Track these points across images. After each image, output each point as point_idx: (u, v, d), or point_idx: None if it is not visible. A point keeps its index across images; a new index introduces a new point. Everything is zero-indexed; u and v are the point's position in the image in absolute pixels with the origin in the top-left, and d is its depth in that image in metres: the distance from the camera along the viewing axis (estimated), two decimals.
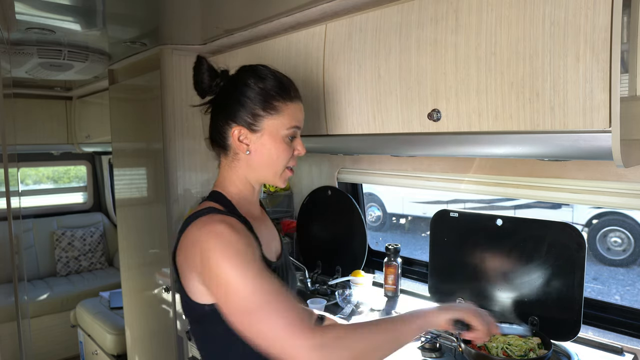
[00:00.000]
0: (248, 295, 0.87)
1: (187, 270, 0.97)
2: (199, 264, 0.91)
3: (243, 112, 1.04)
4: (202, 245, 0.91)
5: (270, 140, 1.05)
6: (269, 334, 0.85)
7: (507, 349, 1.31)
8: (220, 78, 1.10)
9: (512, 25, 1.06)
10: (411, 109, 1.30)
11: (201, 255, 0.91)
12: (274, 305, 0.87)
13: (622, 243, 5.36)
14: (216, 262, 0.89)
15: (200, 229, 0.94)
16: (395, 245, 1.88)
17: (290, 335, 0.85)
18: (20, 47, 2.12)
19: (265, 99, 1.04)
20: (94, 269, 4.18)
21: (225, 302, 0.90)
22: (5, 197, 1.36)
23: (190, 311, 1.02)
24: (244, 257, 0.89)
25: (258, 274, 0.89)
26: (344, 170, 2.15)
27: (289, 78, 1.10)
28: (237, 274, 0.87)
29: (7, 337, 1.32)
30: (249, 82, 1.05)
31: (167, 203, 2.24)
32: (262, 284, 0.88)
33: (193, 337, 1.11)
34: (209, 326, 1.00)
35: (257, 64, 1.10)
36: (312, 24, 1.60)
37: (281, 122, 1.05)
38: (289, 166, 1.09)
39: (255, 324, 0.86)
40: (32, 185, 4.58)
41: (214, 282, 0.90)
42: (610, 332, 1.46)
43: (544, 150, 1.09)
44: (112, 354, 3.01)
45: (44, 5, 1.59)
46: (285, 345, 0.85)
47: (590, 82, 0.95)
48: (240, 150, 1.06)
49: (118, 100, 2.70)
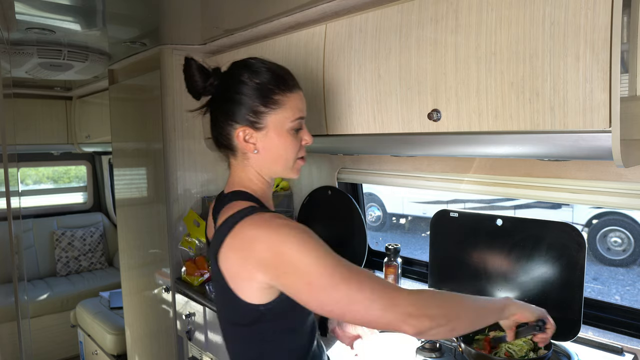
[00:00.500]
0: (334, 270, 0.87)
1: (244, 270, 0.92)
2: (268, 258, 0.88)
3: (244, 111, 1.01)
4: (268, 238, 0.89)
5: (277, 135, 1.03)
6: (365, 301, 0.86)
7: (509, 349, 1.31)
8: (213, 77, 1.06)
9: (512, 25, 1.06)
10: (411, 109, 1.30)
11: (269, 248, 0.88)
12: (361, 274, 0.88)
13: (622, 243, 5.36)
14: (293, 250, 0.87)
15: (259, 226, 0.91)
16: (395, 245, 1.88)
17: (388, 296, 0.87)
18: (20, 47, 2.12)
19: (264, 94, 1.01)
20: (94, 269, 4.18)
21: (309, 284, 0.87)
22: (5, 197, 1.36)
23: (238, 313, 0.98)
24: (316, 241, 0.90)
25: (332, 251, 0.90)
26: (344, 170, 2.15)
27: (284, 67, 1.07)
28: (317, 255, 0.87)
29: (7, 337, 1.32)
30: (244, 78, 1.02)
31: (167, 203, 2.24)
32: (340, 258, 0.90)
33: (232, 341, 1.07)
34: (261, 326, 0.97)
35: (248, 58, 1.06)
36: (312, 24, 1.60)
37: (284, 115, 1.02)
38: (299, 156, 1.08)
39: (348, 295, 0.86)
40: (32, 185, 4.58)
41: (291, 270, 0.87)
42: (610, 332, 1.46)
43: (544, 150, 1.09)
44: (112, 354, 3.01)
45: (44, 5, 1.59)
46: (384, 307, 0.86)
47: (590, 82, 0.95)
48: (248, 150, 1.04)
49: (118, 100, 2.70)
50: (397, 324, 0.87)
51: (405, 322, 0.87)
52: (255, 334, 0.99)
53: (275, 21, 1.67)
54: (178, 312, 2.22)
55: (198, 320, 2.07)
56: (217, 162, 2.39)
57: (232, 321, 1.03)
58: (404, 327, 0.87)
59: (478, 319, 1.01)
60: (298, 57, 1.63)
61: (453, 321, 0.93)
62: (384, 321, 0.88)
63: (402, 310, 0.87)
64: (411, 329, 0.87)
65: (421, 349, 1.45)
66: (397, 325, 0.87)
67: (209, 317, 1.98)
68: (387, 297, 0.87)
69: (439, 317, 0.90)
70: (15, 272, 1.48)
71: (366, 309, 0.86)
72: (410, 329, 0.87)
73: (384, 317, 0.87)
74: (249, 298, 0.93)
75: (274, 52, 1.76)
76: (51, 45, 2.16)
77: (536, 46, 1.03)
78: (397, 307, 0.87)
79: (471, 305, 1.01)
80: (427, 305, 0.90)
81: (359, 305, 0.87)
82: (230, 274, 0.94)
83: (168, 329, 2.33)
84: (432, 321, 0.89)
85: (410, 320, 0.87)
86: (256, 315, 0.95)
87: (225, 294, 0.96)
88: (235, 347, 1.07)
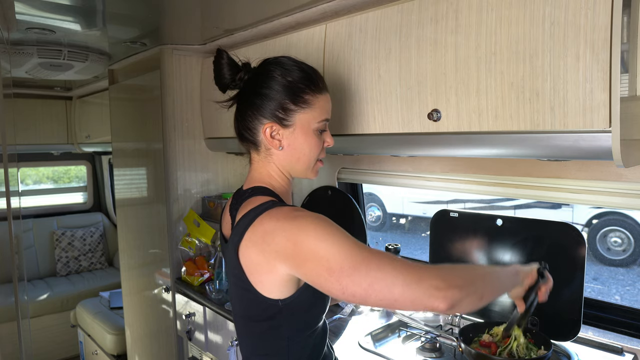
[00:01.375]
0: (354, 253, 0.86)
1: (264, 263, 0.92)
2: (288, 248, 0.88)
3: (273, 107, 1.02)
4: (287, 229, 0.89)
5: (303, 134, 1.04)
6: (387, 279, 0.84)
7: (512, 350, 1.30)
8: (243, 72, 1.07)
9: (512, 25, 1.06)
10: (411, 109, 1.30)
11: (288, 238, 0.89)
12: (381, 255, 0.87)
13: (622, 243, 5.36)
14: (311, 237, 0.87)
15: (278, 218, 0.92)
16: (395, 245, 1.88)
17: (410, 272, 0.85)
18: (20, 47, 2.12)
19: (294, 92, 1.02)
20: (94, 269, 4.18)
21: (329, 269, 0.86)
22: (5, 197, 1.36)
23: (255, 308, 0.99)
24: (334, 227, 0.90)
25: (350, 236, 0.90)
26: (344, 170, 2.15)
27: (314, 68, 1.09)
28: (335, 239, 0.87)
29: (7, 337, 1.32)
30: (276, 75, 1.03)
31: (167, 203, 2.24)
32: (359, 242, 0.89)
33: (247, 336, 1.08)
34: (278, 322, 0.98)
35: (281, 56, 1.08)
36: (312, 24, 1.60)
37: (312, 115, 1.04)
38: (319, 158, 1.09)
39: (369, 275, 0.85)
40: (32, 185, 4.58)
41: (310, 257, 0.87)
42: (610, 332, 1.46)
43: (544, 150, 1.09)
44: (112, 354, 3.01)
45: (44, 5, 1.59)
46: (407, 283, 0.84)
47: (590, 82, 0.95)
48: (273, 146, 1.05)
49: (118, 100, 2.70)
50: (426, 300, 0.84)
51: (433, 296, 0.84)
52: (271, 330, 1.00)
53: (275, 21, 1.67)
54: (178, 312, 2.22)
55: (198, 320, 2.07)
56: (217, 162, 2.41)
57: (248, 316, 1.04)
58: (435, 303, 0.84)
59: (500, 284, 1.02)
60: (298, 57, 1.63)
61: (480, 288, 0.92)
62: (409, 298, 0.85)
63: (427, 284, 0.84)
64: (442, 302, 0.84)
65: (421, 349, 1.45)
66: (426, 302, 0.85)
67: (209, 317, 1.98)
68: (409, 273, 0.85)
69: (467, 285, 0.88)
70: (15, 272, 1.48)
71: (389, 287, 0.84)
72: (441, 304, 0.84)
73: (408, 294, 0.84)
74: (268, 292, 0.94)
75: (274, 52, 1.75)
76: (51, 45, 2.16)
77: (536, 46, 1.03)
78: (421, 281, 0.85)
79: (490, 272, 1.03)
80: (452, 276, 0.89)
81: (380, 284, 0.84)
82: (250, 268, 0.95)
83: (168, 329, 2.33)
84: (461, 291, 0.86)
85: (439, 293, 0.84)
86: (274, 310, 0.96)
87: (243, 288, 0.97)
88: (249, 342, 1.08)
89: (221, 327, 1.89)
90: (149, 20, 1.85)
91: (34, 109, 3.71)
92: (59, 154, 4.15)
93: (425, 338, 1.48)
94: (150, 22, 1.87)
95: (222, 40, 1.98)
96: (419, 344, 1.47)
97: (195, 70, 2.23)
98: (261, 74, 1.05)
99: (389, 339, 1.56)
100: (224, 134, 2.09)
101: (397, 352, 1.46)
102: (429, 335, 1.50)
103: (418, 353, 1.44)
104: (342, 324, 1.69)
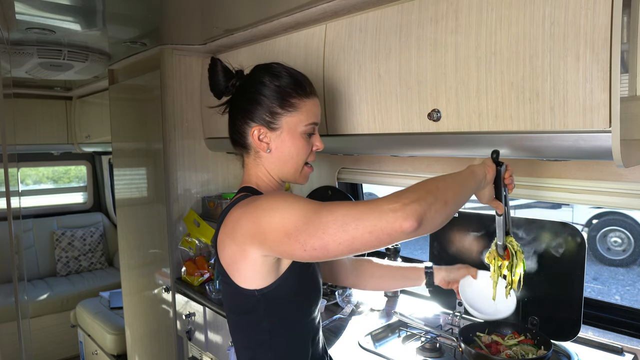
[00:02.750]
0: (305, 210, 0.87)
1: (237, 250, 0.95)
2: (251, 228, 0.91)
3: (261, 111, 1.06)
4: (248, 212, 0.93)
5: (290, 137, 1.07)
6: (338, 221, 0.83)
7: (510, 351, 1.30)
8: (235, 78, 1.12)
9: (512, 25, 1.06)
10: (411, 109, 1.30)
11: (250, 219, 0.92)
12: (330, 203, 0.87)
13: (622, 243, 5.37)
14: (265, 211, 0.90)
15: (242, 206, 0.96)
16: (395, 245, 1.88)
17: (361, 206, 0.84)
18: (20, 47, 2.12)
19: (282, 96, 1.05)
20: (94, 269, 4.18)
21: (286, 233, 0.87)
22: (5, 197, 1.36)
23: (237, 302, 1.02)
24: (286, 195, 0.93)
25: (303, 198, 0.92)
26: (344, 170, 2.15)
27: (303, 74, 1.12)
28: (286, 205, 0.89)
29: (7, 337, 1.32)
30: (265, 80, 1.07)
31: (167, 203, 2.24)
32: (311, 200, 0.90)
33: (233, 330, 1.10)
34: (257, 315, 1.00)
35: (271, 62, 1.11)
36: (312, 24, 1.60)
37: (299, 118, 1.07)
38: (308, 162, 1.11)
39: (321, 223, 0.84)
40: (32, 185, 4.58)
41: (270, 229, 0.89)
42: (610, 332, 1.46)
43: (544, 150, 1.09)
44: (112, 354, 3.01)
45: (44, 5, 1.59)
46: (360, 216, 0.82)
47: (590, 82, 0.95)
48: (261, 149, 1.08)
49: (118, 100, 2.70)
50: (385, 225, 0.81)
51: (392, 218, 0.81)
52: (253, 323, 1.02)
53: (275, 21, 1.67)
54: (178, 312, 2.22)
55: (198, 320, 2.07)
56: (217, 162, 2.41)
57: (231, 309, 1.07)
58: (396, 224, 0.81)
59: (460, 185, 0.98)
60: (298, 57, 1.63)
61: (441, 195, 0.88)
62: (366, 229, 0.82)
63: (380, 210, 0.82)
64: (405, 221, 0.81)
65: (421, 349, 1.45)
66: (386, 227, 0.81)
67: (209, 317, 1.98)
68: (359, 207, 0.84)
69: (424, 197, 0.85)
70: (15, 272, 1.48)
71: (342, 226, 0.83)
72: (404, 222, 0.81)
73: (363, 226, 0.82)
74: (245, 283, 0.97)
75: (274, 52, 1.76)
76: (51, 45, 2.16)
77: (536, 46, 1.03)
78: (373, 210, 0.82)
79: (445, 178, 0.97)
80: (405, 193, 0.86)
81: (333, 227, 0.83)
82: (227, 261, 0.99)
83: (168, 329, 2.33)
84: (420, 203, 0.83)
85: (397, 214, 0.81)
86: (252, 301, 0.98)
87: (225, 282, 1.02)
88: (236, 336, 1.10)
89: (221, 327, 1.89)
90: (149, 20, 1.85)
91: (34, 109, 3.71)
92: (59, 154, 4.15)
93: (425, 338, 1.48)
94: (150, 22, 1.87)
95: (222, 40, 1.98)
96: (419, 344, 1.46)
97: (195, 70, 2.23)
98: (251, 80, 1.09)
99: (389, 339, 1.56)
100: (224, 134, 2.07)
101: (397, 352, 1.45)
102: (429, 335, 1.50)
103: (418, 353, 1.44)
104: (342, 324, 1.69)
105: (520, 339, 1.36)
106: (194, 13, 1.72)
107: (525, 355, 1.28)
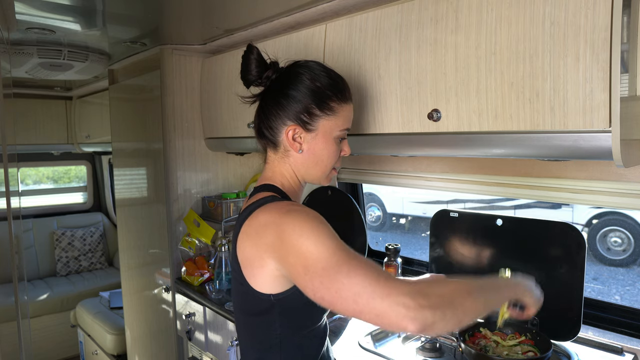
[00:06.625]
0: (330, 255, 0.84)
1: (256, 256, 0.93)
2: (276, 241, 0.89)
3: (299, 110, 1.03)
4: (278, 223, 0.90)
5: (324, 140, 1.05)
6: (354, 289, 0.81)
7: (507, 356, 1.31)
8: (271, 70, 1.08)
9: (512, 25, 1.06)
10: (411, 109, 1.30)
11: (277, 232, 0.89)
12: (357, 262, 0.83)
13: (622, 243, 5.36)
14: (296, 232, 0.87)
15: (272, 212, 0.93)
16: (395, 245, 1.88)
17: (380, 284, 0.80)
18: (20, 47, 2.12)
19: (321, 98, 1.03)
20: (94, 269, 4.18)
21: (305, 267, 0.85)
22: (5, 197, 1.36)
23: (249, 303, 1.00)
24: (321, 226, 0.89)
25: (336, 238, 0.88)
26: (343, 170, 2.16)
27: (343, 78, 1.10)
28: (318, 239, 0.86)
29: (7, 337, 1.32)
30: (305, 78, 1.04)
31: (167, 203, 2.24)
32: (343, 246, 0.87)
33: (243, 330, 1.08)
34: (270, 318, 0.98)
35: (310, 60, 1.09)
36: (312, 24, 1.60)
37: (335, 123, 1.05)
38: (335, 167, 1.10)
39: (337, 280, 0.82)
40: (32, 185, 4.58)
41: (292, 252, 0.87)
42: (610, 332, 1.46)
43: (544, 150, 1.09)
44: (112, 354, 3.01)
45: (44, 5, 1.59)
46: (374, 296, 0.79)
47: (590, 82, 0.95)
48: (293, 149, 1.05)
49: (118, 100, 2.70)
50: (393, 318, 0.78)
51: (401, 315, 0.77)
52: (264, 325, 1.01)
53: (275, 21, 1.67)
54: (178, 312, 2.22)
55: (198, 320, 2.07)
56: (217, 162, 2.41)
57: (243, 310, 1.05)
58: (402, 323, 0.77)
59: (485, 306, 0.91)
60: (298, 57, 1.61)
61: (458, 309, 0.83)
62: (374, 312, 0.79)
63: (394, 301, 0.78)
64: (410, 324, 0.77)
65: (421, 348, 1.45)
66: (393, 320, 0.78)
67: (209, 317, 1.98)
68: (378, 285, 0.80)
69: (443, 306, 0.80)
70: (15, 272, 1.48)
71: (354, 297, 0.80)
72: (409, 324, 0.77)
73: (373, 308, 0.79)
74: (260, 287, 0.95)
75: (274, 52, 1.75)
76: (51, 45, 2.16)
77: (536, 46, 1.03)
78: (388, 296, 0.78)
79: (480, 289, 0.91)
80: (426, 294, 0.80)
81: (347, 293, 0.81)
82: (244, 262, 0.97)
83: (168, 329, 2.33)
84: (434, 313, 0.78)
85: (408, 313, 0.77)
86: (266, 305, 0.97)
87: (239, 281, 0.99)
88: (245, 336, 1.09)
89: (221, 327, 1.89)
90: (149, 20, 1.85)
91: (34, 109, 3.71)
92: (59, 154, 4.15)
93: (425, 338, 1.48)
94: (150, 22, 1.87)
95: (222, 40, 1.98)
96: (419, 344, 1.47)
97: (195, 70, 2.23)
98: (290, 75, 1.06)
99: (389, 339, 1.56)
100: (224, 134, 2.09)
101: (397, 352, 1.46)
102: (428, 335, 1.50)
103: (418, 353, 1.44)
104: (342, 323, 1.69)
105: (520, 339, 1.36)
106: (194, 13, 1.72)
107: (526, 355, 1.28)
